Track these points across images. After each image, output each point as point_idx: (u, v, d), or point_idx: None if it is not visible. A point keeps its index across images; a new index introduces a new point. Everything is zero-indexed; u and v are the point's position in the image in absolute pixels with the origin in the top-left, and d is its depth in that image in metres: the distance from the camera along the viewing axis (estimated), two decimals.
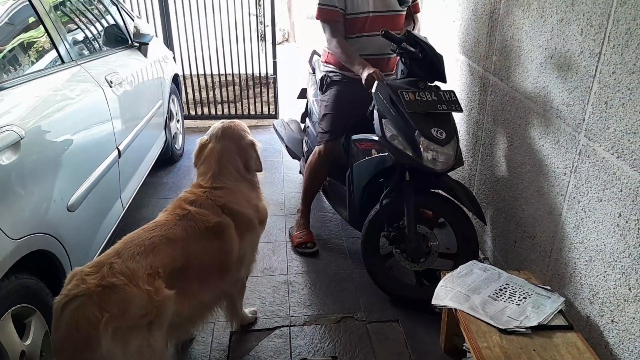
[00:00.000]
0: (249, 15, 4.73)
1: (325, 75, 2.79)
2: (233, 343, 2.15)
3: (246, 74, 4.97)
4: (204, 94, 5.06)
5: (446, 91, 2.23)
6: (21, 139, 1.62)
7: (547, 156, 1.97)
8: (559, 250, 1.89)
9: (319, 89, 2.87)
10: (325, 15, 2.55)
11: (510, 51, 2.26)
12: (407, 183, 2.23)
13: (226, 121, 2.06)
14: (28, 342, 1.56)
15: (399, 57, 2.34)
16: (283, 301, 2.41)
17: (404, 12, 2.64)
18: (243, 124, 2.08)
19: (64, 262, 1.83)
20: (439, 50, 2.25)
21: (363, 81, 2.33)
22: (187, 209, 1.75)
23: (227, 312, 2.08)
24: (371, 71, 2.30)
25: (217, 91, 5.09)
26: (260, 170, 2.06)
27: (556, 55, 1.88)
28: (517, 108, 2.22)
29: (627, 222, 1.49)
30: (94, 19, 2.84)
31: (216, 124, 2.04)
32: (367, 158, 2.36)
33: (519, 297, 1.80)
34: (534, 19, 2.03)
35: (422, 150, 2.10)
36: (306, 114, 3.47)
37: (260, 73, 4.98)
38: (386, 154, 2.23)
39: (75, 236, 1.95)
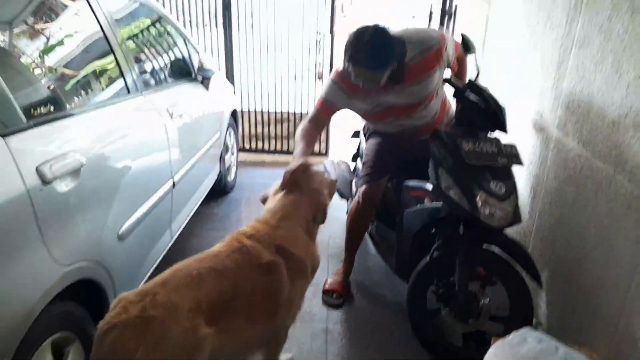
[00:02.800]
0: (308, 53, 4.84)
1: (366, 124, 2.77)
2: None
3: (301, 113, 5.05)
4: (259, 129, 5.17)
5: (507, 144, 2.14)
6: (81, 166, 1.66)
7: (616, 220, 1.82)
8: (626, 325, 1.72)
9: (363, 134, 2.87)
10: (323, 108, 2.48)
11: (578, 106, 2.15)
12: (460, 237, 2.13)
13: (308, 165, 2.08)
14: None
15: (458, 104, 2.28)
16: (321, 350, 2.32)
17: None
18: (321, 174, 2.12)
19: (108, 290, 1.84)
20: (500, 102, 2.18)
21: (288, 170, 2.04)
22: (243, 243, 1.74)
23: (264, 358, 2.02)
24: (299, 162, 2.08)
25: (272, 127, 5.17)
26: (323, 223, 2.05)
27: (632, 113, 1.76)
28: (582, 166, 2.09)
29: None
30: (162, 51, 2.96)
31: (297, 169, 2.02)
32: (419, 206, 2.28)
33: None
34: (608, 73, 1.92)
35: (480, 204, 2.00)
36: (358, 154, 3.44)
37: None
38: (440, 204, 2.14)
39: (122, 264, 1.97)
